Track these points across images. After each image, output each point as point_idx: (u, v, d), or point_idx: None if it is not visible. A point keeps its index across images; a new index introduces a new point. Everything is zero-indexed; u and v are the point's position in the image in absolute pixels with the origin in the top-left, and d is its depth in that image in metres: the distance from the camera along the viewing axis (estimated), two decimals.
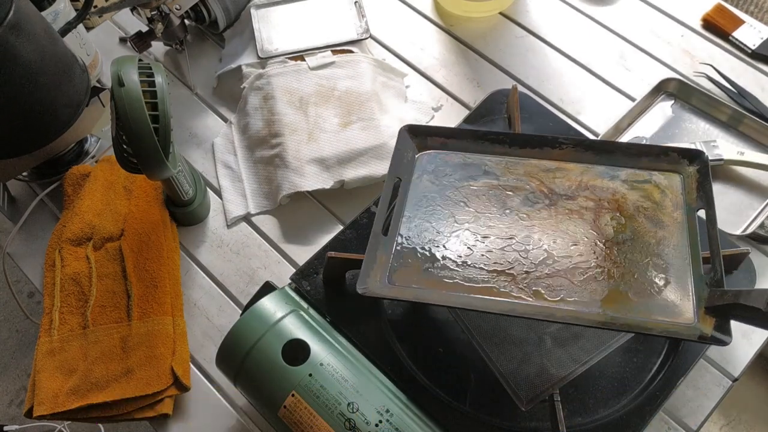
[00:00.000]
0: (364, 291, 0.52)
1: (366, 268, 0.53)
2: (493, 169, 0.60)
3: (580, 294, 0.52)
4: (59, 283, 0.68)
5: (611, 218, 0.56)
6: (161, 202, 0.73)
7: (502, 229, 0.56)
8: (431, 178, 0.60)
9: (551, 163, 0.61)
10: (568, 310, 0.51)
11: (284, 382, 0.54)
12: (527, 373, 0.56)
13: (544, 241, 0.55)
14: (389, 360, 0.61)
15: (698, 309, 0.51)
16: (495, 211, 0.57)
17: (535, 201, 0.58)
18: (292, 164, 0.74)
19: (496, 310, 0.51)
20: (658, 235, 0.55)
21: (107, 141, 0.81)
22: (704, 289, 0.51)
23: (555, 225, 0.56)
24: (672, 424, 0.63)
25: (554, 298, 0.52)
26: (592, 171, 0.60)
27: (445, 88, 0.84)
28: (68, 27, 0.73)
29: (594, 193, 0.58)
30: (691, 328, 0.49)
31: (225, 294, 0.71)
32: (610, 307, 0.51)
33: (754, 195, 0.74)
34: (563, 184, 0.59)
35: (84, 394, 0.62)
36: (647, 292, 0.52)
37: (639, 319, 0.50)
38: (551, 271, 0.53)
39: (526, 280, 0.53)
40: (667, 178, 0.59)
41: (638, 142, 0.65)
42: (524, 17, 0.90)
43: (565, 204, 0.57)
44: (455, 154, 0.61)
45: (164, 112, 0.59)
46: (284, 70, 0.80)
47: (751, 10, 1.17)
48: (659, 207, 0.57)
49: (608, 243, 0.55)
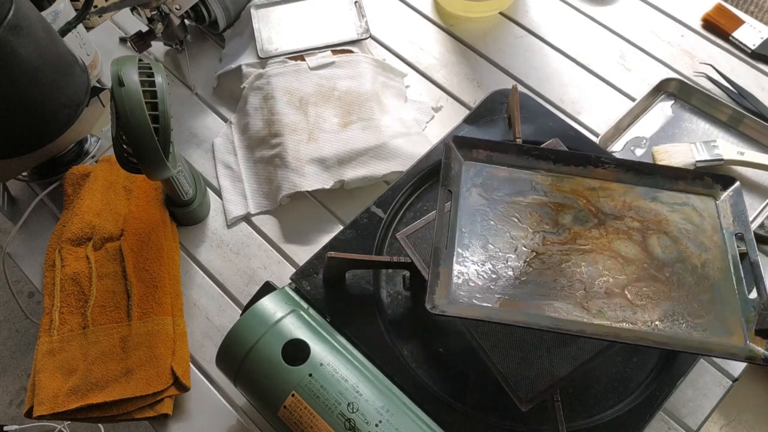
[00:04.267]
0: (434, 309, 0.51)
1: (432, 285, 0.52)
2: (540, 186, 0.61)
3: (638, 314, 0.53)
4: (59, 283, 0.68)
5: (658, 240, 0.58)
6: (161, 202, 0.73)
7: (558, 246, 0.57)
8: (480, 191, 0.60)
9: (594, 181, 0.62)
10: (633, 330, 0.52)
11: (284, 382, 0.54)
12: (527, 373, 0.56)
13: (599, 260, 0.56)
14: (389, 360, 0.61)
15: (747, 331, 0.53)
16: (548, 229, 0.58)
17: (585, 220, 0.59)
18: (292, 164, 0.74)
19: (567, 330, 0.51)
20: (703, 258, 0.57)
21: (107, 141, 0.81)
22: (751, 311, 0.53)
23: (607, 244, 0.57)
24: (672, 424, 0.63)
25: (616, 318, 0.53)
26: (633, 192, 0.61)
27: (445, 88, 0.84)
28: (68, 27, 0.73)
29: (638, 213, 0.60)
30: (744, 350, 0.51)
31: (225, 294, 0.71)
32: (669, 328, 0.52)
33: (754, 195, 0.74)
34: (608, 203, 0.60)
35: (84, 394, 0.62)
36: (699, 313, 0.53)
37: (696, 339, 0.52)
38: (609, 291, 0.54)
39: (587, 300, 0.53)
40: (703, 201, 0.61)
41: (675, 166, 0.67)
42: (524, 17, 0.90)
43: (613, 224, 0.59)
44: (501, 168, 0.62)
45: (164, 112, 0.59)
46: (284, 70, 0.80)
47: (751, 10, 1.17)
48: (700, 230, 0.59)
49: (658, 264, 0.56)
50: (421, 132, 0.80)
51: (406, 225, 0.65)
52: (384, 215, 0.69)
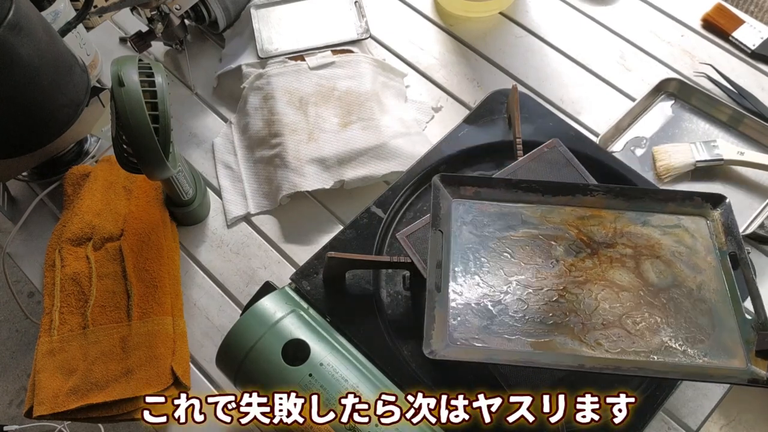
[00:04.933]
0: (432, 355, 0.51)
1: (428, 329, 0.52)
2: (530, 219, 0.61)
3: (637, 343, 0.53)
4: (59, 283, 0.68)
5: (652, 264, 0.58)
6: (161, 202, 0.73)
7: (552, 280, 0.57)
8: (471, 228, 0.60)
9: (584, 210, 0.62)
10: (633, 361, 0.52)
11: (284, 382, 0.54)
12: (527, 372, 0.56)
13: (594, 290, 0.56)
14: (389, 360, 0.60)
15: (748, 352, 0.52)
16: (541, 262, 0.58)
17: (578, 250, 0.58)
18: (292, 164, 0.74)
19: (567, 366, 0.52)
20: (698, 280, 0.57)
21: (107, 141, 0.81)
22: (750, 332, 0.53)
23: (601, 274, 0.57)
24: (672, 424, 0.63)
25: (614, 349, 0.53)
26: (624, 217, 0.61)
27: (445, 88, 0.84)
28: (68, 27, 0.73)
29: (630, 239, 0.59)
30: (745, 372, 0.51)
31: (225, 294, 0.71)
32: (669, 356, 0.52)
33: (754, 195, 0.74)
34: (600, 231, 0.60)
35: (84, 394, 0.62)
36: (697, 337, 0.53)
37: (697, 365, 0.52)
38: (606, 322, 0.54)
39: (584, 333, 0.54)
40: (694, 222, 0.61)
41: (664, 189, 0.67)
42: (524, 17, 0.90)
43: (605, 252, 0.58)
44: (490, 204, 0.62)
45: (164, 112, 0.59)
46: (284, 70, 0.80)
47: (751, 10, 1.17)
48: (693, 252, 0.59)
49: (653, 290, 0.56)
50: (421, 132, 0.80)
51: (406, 225, 0.65)
52: (384, 215, 0.69)
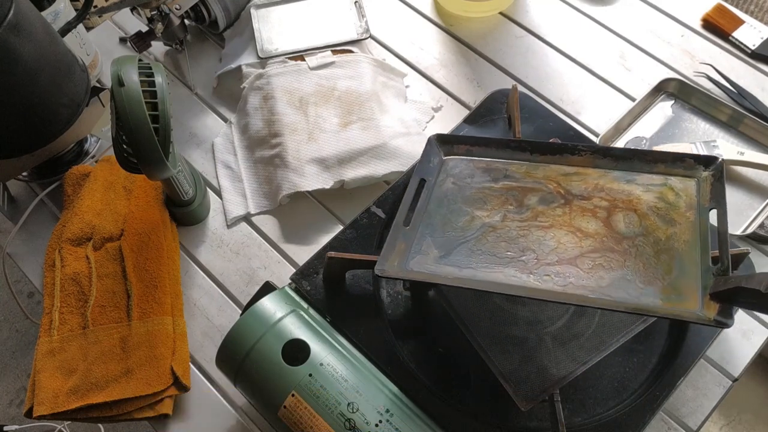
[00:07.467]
0: (381, 273, 0.54)
1: (385, 253, 0.55)
2: (513, 174, 0.62)
3: (587, 281, 0.53)
4: (59, 283, 0.68)
5: (624, 216, 0.57)
6: (161, 202, 0.73)
7: (517, 222, 0.58)
8: (454, 180, 0.62)
9: (570, 168, 0.62)
10: (575, 294, 0.52)
11: (284, 382, 0.54)
12: (527, 372, 0.56)
13: (558, 235, 0.57)
14: (389, 360, 0.60)
15: (703, 297, 0.51)
16: (512, 209, 0.59)
17: (551, 201, 0.59)
18: (292, 164, 0.74)
19: (504, 290, 0.53)
20: (669, 232, 0.56)
21: (107, 141, 0.81)
22: (710, 278, 0.52)
23: (568, 221, 0.57)
24: (672, 424, 0.63)
25: (562, 283, 0.53)
26: (609, 175, 0.61)
27: (445, 88, 0.84)
28: (68, 27, 0.73)
29: (609, 194, 0.59)
30: (694, 313, 0.50)
31: (225, 294, 0.71)
32: (616, 293, 0.52)
33: (754, 195, 0.74)
34: (580, 186, 0.60)
35: (84, 394, 0.62)
36: (654, 281, 0.53)
37: (643, 303, 0.51)
38: (560, 260, 0.55)
39: (537, 267, 0.54)
40: (683, 182, 0.60)
41: (655, 150, 0.66)
42: (524, 17, 0.90)
43: (579, 203, 0.59)
44: (479, 161, 0.63)
45: (164, 112, 0.59)
46: (284, 70, 0.80)
47: (751, 10, 1.17)
48: (672, 207, 0.58)
49: (618, 237, 0.56)
50: (421, 132, 0.80)
51: None
52: (384, 215, 0.69)
